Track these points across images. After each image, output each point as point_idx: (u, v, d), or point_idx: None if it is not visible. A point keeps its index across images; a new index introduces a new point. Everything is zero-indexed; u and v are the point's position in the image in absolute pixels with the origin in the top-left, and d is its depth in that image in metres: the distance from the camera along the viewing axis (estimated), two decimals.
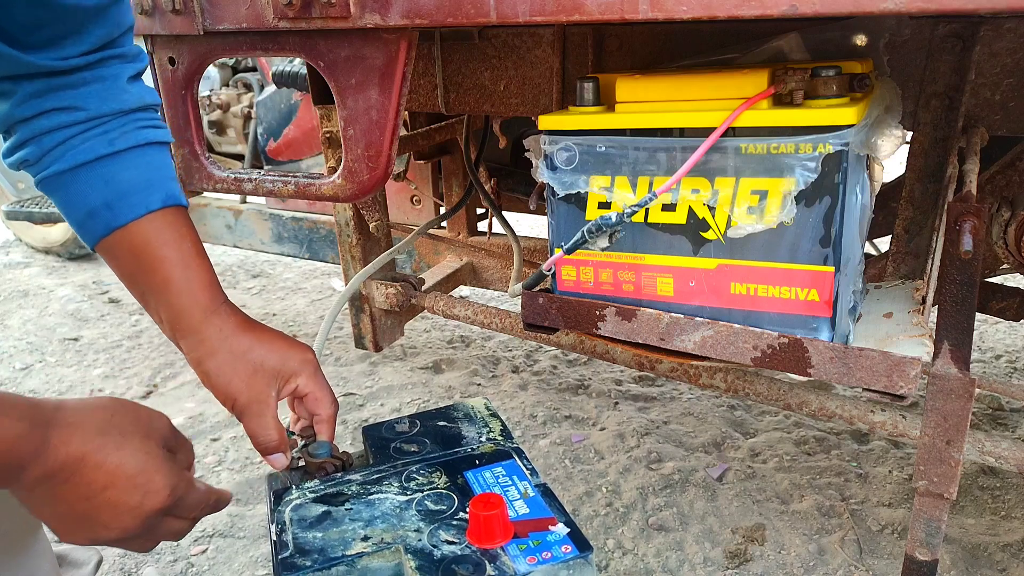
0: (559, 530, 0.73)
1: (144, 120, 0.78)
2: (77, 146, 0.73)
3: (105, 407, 0.62)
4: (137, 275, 0.77)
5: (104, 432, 0.60)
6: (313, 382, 0.82)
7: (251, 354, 0.78)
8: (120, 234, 0.75)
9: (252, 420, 0.78)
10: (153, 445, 0.63)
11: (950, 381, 0.75)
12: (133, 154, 0.76)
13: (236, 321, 0.80)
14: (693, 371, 1.09)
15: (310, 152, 2.38)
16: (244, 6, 0.95)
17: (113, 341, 2.62)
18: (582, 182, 0.83)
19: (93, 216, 0.75)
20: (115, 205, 0.74)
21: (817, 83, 0.73)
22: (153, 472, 0.61)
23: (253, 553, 1.51)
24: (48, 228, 3.43)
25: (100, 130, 0.74)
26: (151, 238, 0.76)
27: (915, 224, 1.01)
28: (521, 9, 0.79)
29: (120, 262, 0.78)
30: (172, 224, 0.77)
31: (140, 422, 0.63)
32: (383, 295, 1.46)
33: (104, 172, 0.74)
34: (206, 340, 0.77)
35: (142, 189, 0.75)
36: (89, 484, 0.59)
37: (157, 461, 0.62)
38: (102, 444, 0.59)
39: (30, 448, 0.55)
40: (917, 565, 0.82)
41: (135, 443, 0.61)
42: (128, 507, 0.61)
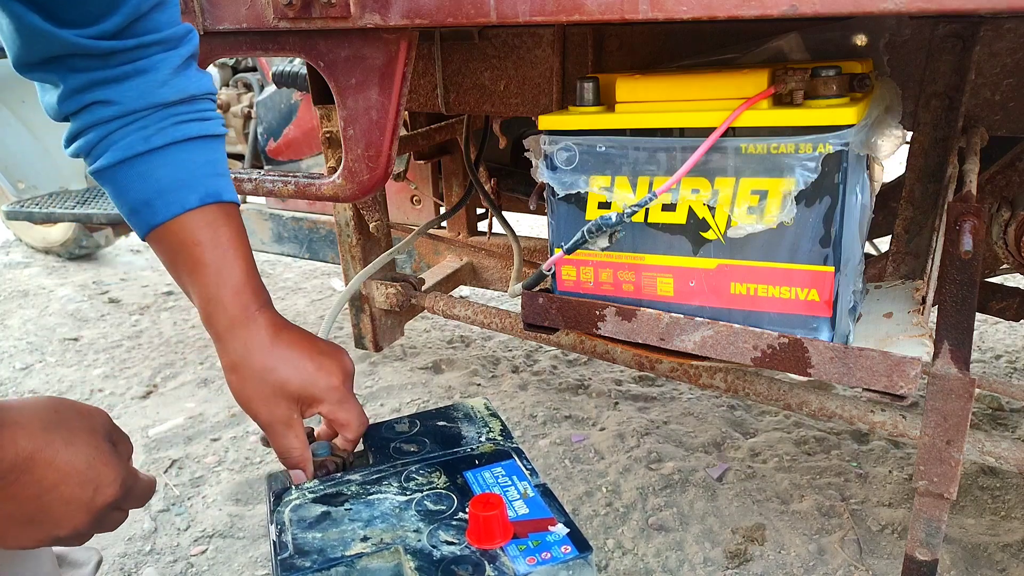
0: (559, 530, 0.73)
1: (186, 114, 0.76)
2: (117, 142, 0.73)
3: (47, 405, 0.61)
4: (177, 272, 0.77)
5: (50, 428, 0.59)
6: (339, 408, 0.80)
7: (274, 375, 0.77)
8: (160, 231, 0.75)
9: (275, 439, 0.78)
10: (100, 439, 0.62)
11: (950, 381, 0.75)
12: (171, 151, 0.74)
13: (265, 335, 0.78)
14: (693, 371, 1.09)
15: (310, 152, 2.38)
16: (244, 6, 0.95)
17: (113, 341, 2.62)
18: (582, 182, 0.83)
19: (135, 213, 0.75)
20: (153, 203, 0.74)
21: (817, 83, 0.73)
22: (102, 466, 0.61)
23: (253, 553, 1.51)
24: (48, 228, 3.43)
25: (138, 126, 0.73)
26: (186, 238, 0.75)
27: (915, 224, 1.01)
28: (521, 9, 0.79)
29: (163, 257, 0.78)
30: (211, 224, 0.76)
31: (83, 417, 0.62)
32: (383, 295, 1.46)
33: (142, 170, 0.74)
34: (229, 352, 0.77)
35: (179, 187, 0.74)
36: (39, 482, 0.58)
37: (105, 455, 0.62)
38: (50, 440, 0.58)
39: None
40: (917, 565, 0.82)
41: (83, 438, 0.60)
42: (81, 502, 0.60)
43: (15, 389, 2.28)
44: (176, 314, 2.87)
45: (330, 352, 0.81)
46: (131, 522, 1.62)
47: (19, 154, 3.13)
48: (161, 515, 1.64)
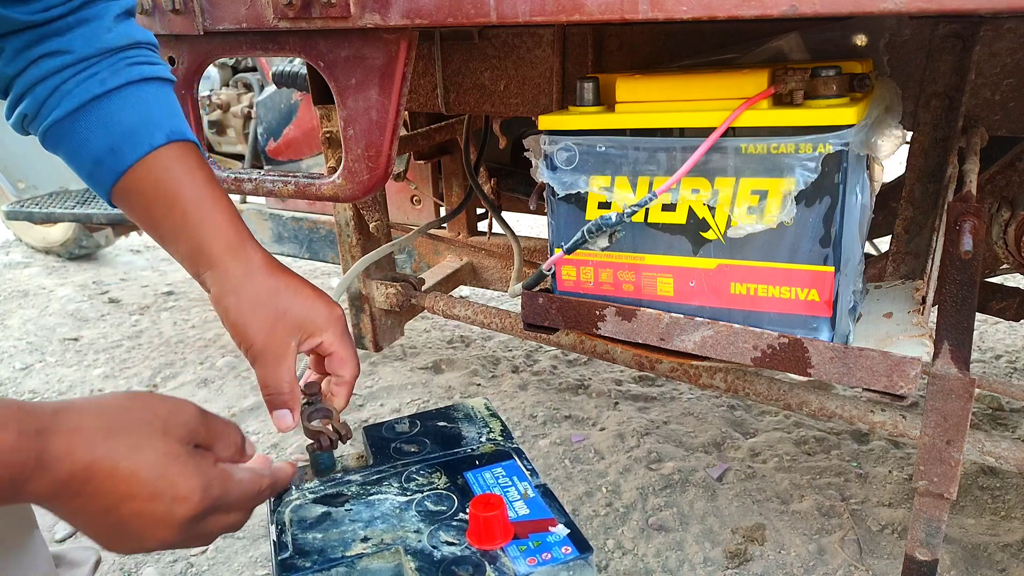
0: (559, 531, 0.73)
1: (135, 57, 0.74)
2: (70, 91, 0.70)
3: (113, 406, 0.54)
4: (153, 217, 0.73)
5: (113, 434, 0.52)
6: (339, 341, 0.76)
7: (276, 299, 0.73)
8: (128, 177, 0.71)
9: (265, 369, 0.72)
10: (174, 443, 0.55)
11: (950, 381, 0.75)
12: (128, 91, 0.72)
13: (262, 260, 0.74)
14: (693, 371, 1.09)
15: (310, 152, 2.38)
16: (244, 6, 0.95)
17: (113, 341, 2.62)
18: (582, 182, 0.83)
19: (99, 164, 0.72)
20: (118, 148, 0.71)
21: (817, 83, 0.73)
22: (176, 476, 0.54)
23: (253, 553, 1.51)
24: (48, 228, 3.43)
25: (90, 71, 0.71)
26: (160, 176, 0.71)
27: (915, 224, 1.01)
28: (521, 9, 0.79)
29: (135, 207, 0.73)
30: (181, 159, 0.73)
31: (156, 419, 0.55)
32: (383, 295, 1.46)
33: (101, 114, 0.71)
34: (229, 276, 0.72)
35: (142, 127, 0.71)
36: (105, 496, 0.51)
37: (179, 463, 0.54)
38: (111, 449, 0.51)
39: (23, 460, 0.47)
40: (917, 565, 0.82)
41: (152, 444, 0.53)
42: (156, 517, 0.53)
43: (15, 389, 2.28)
44: (176, 314, 2.87)
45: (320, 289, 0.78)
46: None
47: (19, 154, 3.13)
48: None
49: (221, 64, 2.62)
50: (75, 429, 0.50)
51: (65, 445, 0.49)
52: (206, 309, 2.90)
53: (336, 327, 0.76)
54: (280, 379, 0.73)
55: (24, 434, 0.47)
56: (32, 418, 0.49)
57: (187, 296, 3.07)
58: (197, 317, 2.82)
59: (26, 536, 0.84)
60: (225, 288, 0.73)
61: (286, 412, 0.74)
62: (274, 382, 0.73)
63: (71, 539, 1.58)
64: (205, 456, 0.58)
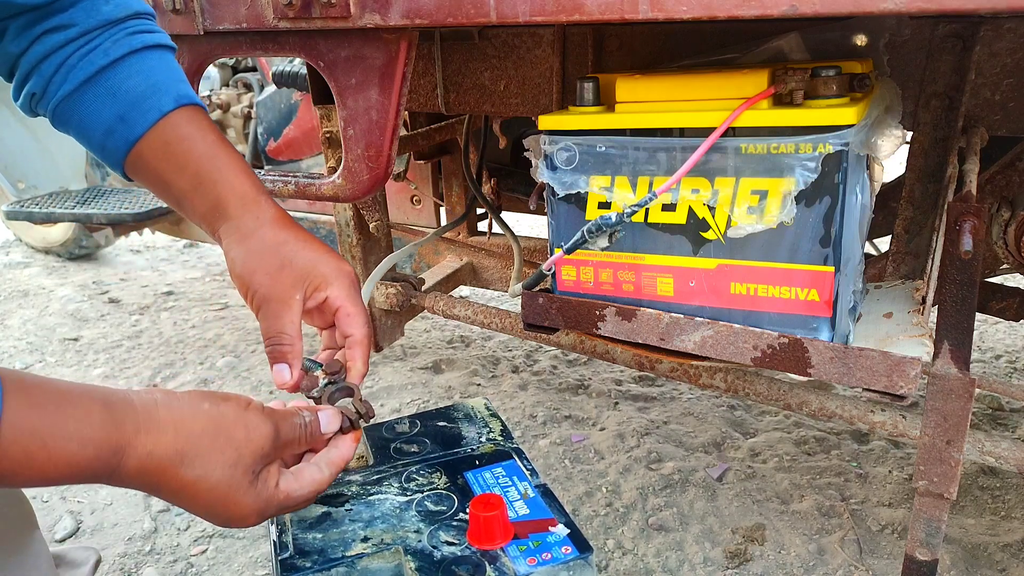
0: (559, 531, 0.73)
1: (136, 26, 0.74)
2: (75, 64, 0.71)
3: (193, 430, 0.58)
4: (167, 180, 0.73)
5: (182, 463, 0.57)
6: (347, 295, 0.74)
7: (283, 248, 0.72)
8: (141, 145, 0.72)
9: (268, 319, 0.71)
10: (239, 474, 0.60)
11: (950, 381, 0.75)
12: (132, 60, 0.73)
13: (274, 213, 0.75)
14: (693, 371, 1.09)
15: (310, 152, 2.38)
16: (244, 6, 0.95)
17: (113, 341, 2.62)
18: (582, 182, 0.83)
19: (111, 134, 0.72)
20: (128, 116, 0.71)
21: (817, 83, 0.73)
22: (232, 504, 0.60)
23: (253, 553, 1.51)
24: (48, 228, 3.43)
25: (93, 44, 0.71)
26: (171, 139, 0.72)
27: (915, 224, 1.01)
28: (521, 9, 0.79)
29: (149, 175, 0.74)
30: (191, 120, 0.74)
31: (229, 447, 0.59)
32: (383, 295, 1.46)
33: (109, 84, 0.71)
34: (241, 226, 0.73)
35: (151, 94, 0.72)
36: (173, 498, 0.59)
37: (238, 493, 0.60)
38: (177, 475, 0.57)
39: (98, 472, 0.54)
40: (917, 565, 0.82)
41: (218, 474, 0.59)
42: (219, 521, 0.61)
43: None
44: (176, 314, 2.87)
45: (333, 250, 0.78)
46: (131, 522, 1.62)
47: (19, 154, 3.13)
48: (161, 515, 1.64)
49: (221, 64, 2.62)
50: (150, 453, 0.56)
51: (137, 466, 0.56)
52: (206, 309, 2.90)
53: (343, 281, 0.75)
54: (282, 328, 0.71)
55: (101, 455, 0.54)
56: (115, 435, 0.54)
57: (187, 296, 3.07)
58: (197, 317, 2.82)
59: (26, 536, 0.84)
60: (234, 239, 0.73)
61: (285, 367, 0.71)
62: (275, 331, 0.71)
63: (71, 539, 1.58)
64: (268, 480, 0.63)
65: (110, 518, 1.64)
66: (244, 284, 0.72)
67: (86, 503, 1.69)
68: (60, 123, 0.74)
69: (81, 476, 0.54)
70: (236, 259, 0.72)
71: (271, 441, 0.63)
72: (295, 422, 0.67)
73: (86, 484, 0.55)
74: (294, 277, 0.72)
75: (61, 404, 0.53)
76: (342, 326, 0.75)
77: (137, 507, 1.67)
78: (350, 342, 0.75)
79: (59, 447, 0.51)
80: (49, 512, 1.66)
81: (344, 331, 0.75)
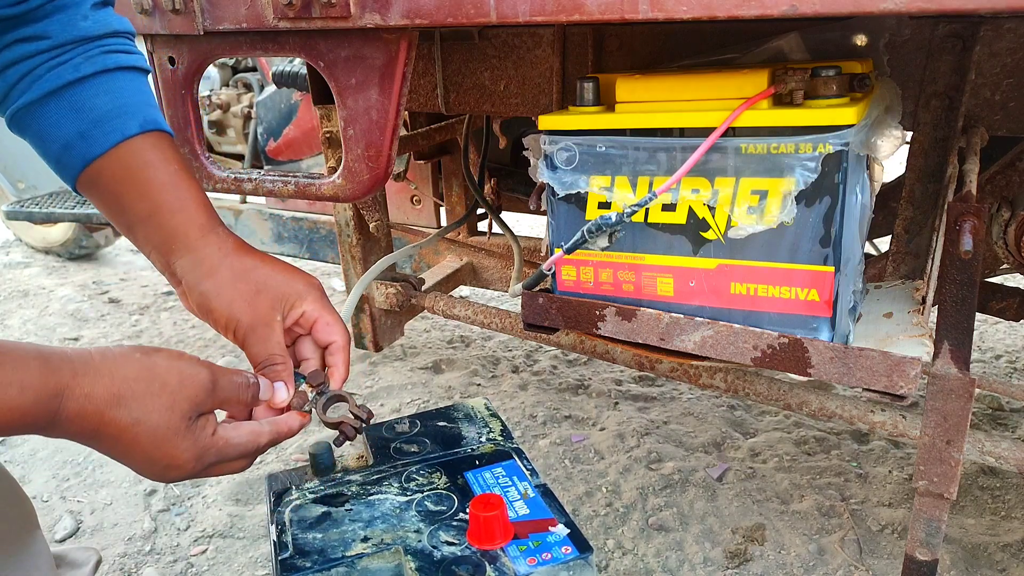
0: (559, 531, 0.73)
1: (112, 45, 0.73)
2: (42, 76, 0.69)
3: (127, 374, 0.59)
4: (123, 205, 0.72)
5: (122, 404, 0.58)
6: (321, 306, 0.76)
7: (254, 274, 0.73)
8: (99, 165, 0.71)
9: (256, 344, 0.72)
10: (175, 418, 0.60)
11: (950, 381, 0.75)
12: (103, 79, 0.71)
13: (235, 242, 0.75)
14: (693, 371, 1.09)
15: (310, 152, 2.38)
16: (244, 6, 0.95)
17: (113, 341, 2.62)
18: (582, 182, 0.83)
19: (68, 149, 0.71)
20: (89, 134, 0.70)
21: (817, 83, 0.73)
22: (171, 448, 0.60)
23: (253, 553, 1.51)
24: (48, 228, 3.43)
25: (65, 58, 0.70)
26: (132, 163, 0.71)
27: (915, 224, 1.01)
28: (521, 9, 0.79)
29: (103, 195, 0.72)
30: (155, 147, 0.72)
31: (165, 391, 0.60)
32: (383, 295, 1.46)
33: (74, 100, 0.70)
34: (205, 259, 0.72)
35: (116, 115, 0.71)
36: (114, 448, 0.59)
37: (178, 436, 0.60)
38: (117, 417, 0.57)
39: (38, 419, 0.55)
40: (917, 565, 0.82)
41: (155, 418, 0.59)
42: (154, 473, 0.61)
43: None
44: (176, 314, 2.87)
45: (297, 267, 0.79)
46: (131, 522, 1.62)
47: (19, 154, 3.13)
48: (161, 515, 1.64)
49: (221, 64, 2.62)
50: (88, 395, 0.56)
51: (76, 409, 0.56)
52: None
53: (315, 293, 0.76)
54: (272, 350, 0.72)
55: (40, 400, 0.54)
56: (52, 379, 0.55)
57: None
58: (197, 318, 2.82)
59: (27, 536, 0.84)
60: (201, 273, 0.72)
61: (282, 385, 0.72)
62: (267, 353, 0.72)
63: (71, 539, 1.58)
64: (205, 426, 0.63)
65: (110, 518, 1.64)
66: (223, 316, 0.72)
67: (86, 503, 1.69)
68: (16, 128, 0.73)
69: (23, 424, 0.54)
70: (209, 293, 0.72)
71: (205, 390, 0.63)
72: (235, 380, 0.67)
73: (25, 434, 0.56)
74: (271, 300, 0.73)
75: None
76: (322, 335, 0.77)
77: (137, 507, 1.67)
78: (332, 348, 0.77)
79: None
80: (49, 512, 1.66)
81: (324, 339, 0.77)
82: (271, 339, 0.72)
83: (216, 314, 0.73)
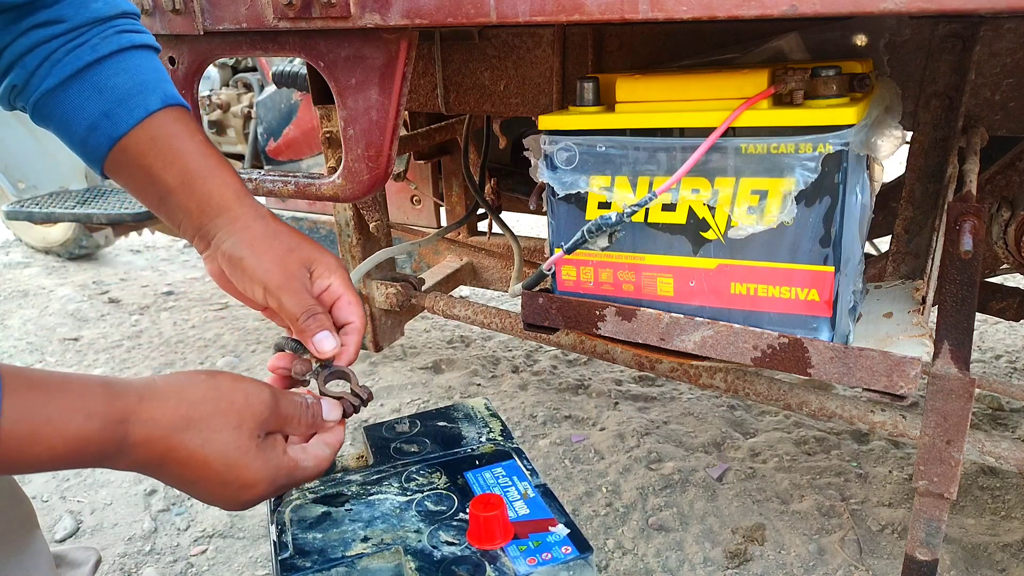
0: (559, 531, 0.73)
1: (123, 25, 0.74)
2: (61, 59, 0.70)
3: (193, 397, 0.58)
4: (153, 176, 0.72)
5: (189, 427, 0.57)
6: (347, 285, 0.75)
7: (285, 236, 0.74)
8: (125, 142, 0.72)
9: (293, 294, 0.71)
10: (245, 438, 0.59)
11: (950, 381, 0.75)
12: (120, 58, 0.72)
13: (266, 209, 0.76)
14: (693, 371, 1.09)
15: (310, 152, 2.39)
16: (244, 6, 0.95)
17: (113, 341, 2.62)
18: (582, 182, 0.83)
19: (94, 130, 0.71)
20: (113, 113, 0.71)
21: (817, 83, 0.73)
22: (242, 469, 0.59)
23: (253, 553, 1.51)
24: (48, 228, 3.43)
25: (82, 39, 0.71)
26: (159, 136, 0.72)
27: (915, 224, 1.01)
28: (521, 9, 0.79)
29: (131, 172, 0.73)
30: (179, 120, 0.73)
31: (232, 411, 0.59)
32: (383, 295, 1.46)
33: (95, 81, 0.71)
34: (240, 217, 0.73)
35: (138, 92, 0.71)
36: (180, 477, 0.58)
37: (248, 456, 0.59)
38: (185, 440, 0.56)
39: (105, 447, 0.53)
40: (917, 565, 0.82)
41: (224, 438, 0.58)
42: (226, 498, 0.60)
43: None
44: (176, 314, 2.87)
45: None
46: (131, 522, 1.62)
47: (19, 154, 3.13)
48: (161, 515, 1.64)
49: (221, 64, 2.62)
50: (153, 419, 0.56)
51: (143, 434, 0.55)
52: (206, 309, 2.90)
53: (342, 272, 0.76)
54: (309, 300, 0.71)
55: (106, 426, 0.53)
56: (118, 405, 0.54)
57: (187, 296, 3.07)
58: (197, 317, 2.82)
59: (27, 536, 0.84)
60: (234, 228, 0.72)
61: (327, 334, 0.71)
62: (307, 303, 0.71)
63: (71, 539, 1.58)
64: (275, 445, 0.63)
65: (110, 518, 1.64)
66: (254, 270, 0.71)
67: (86, 503, 1.69)
68: (40, 117, 0.74)
69: (89, 453, 0.53)
70: (241, 247, 0.71)
71: (270, 408, 0.62)
72: (296, 399, 0.67)
73: (93, 467, 0.55)
74: (301, 260, 0.73)
75: (61, 384, 0.53)
76: (342, 313, 0.76)
77: (137, 507, 1.67)
78: (348, 328, 0.76)
79: (64, 420, 0.51)
80: (49, 512, 1.66)
81: (343, 318, 0.76)
82: (305, 292, 0.72)
83: (247, 270, 0.72)
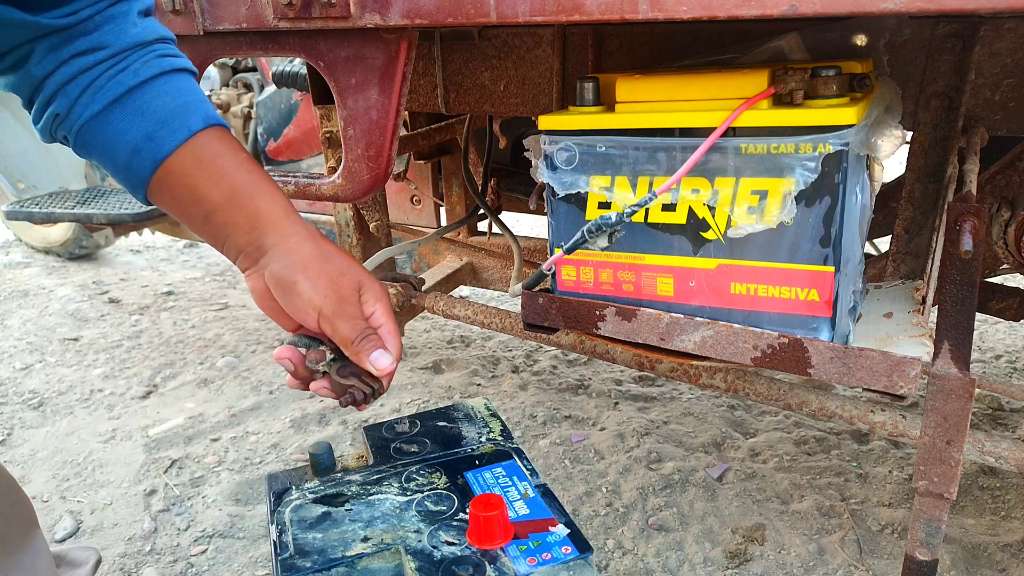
0: (559, 531, 0.73)
1: (162, 50, 0.75)
2: (104, 85, 0.71)
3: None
4: (198, 195, 0.74)
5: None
6: (389, 315, 0.77)
7: (336, 259, 0.75)
8: (168, 163, 0.72)
9: (349, 321, 0.73)
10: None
11: (950, 381, 0.75)
12: (161, 81, 0.74)
13: (314, 228, 0.77)
14: (693, 371, 1.09)
15: (310, 152, 2.39)
16: (244, 6, 0.95)
17: (113, 341, 2.62)
18: (582, 182, 0.83)
19: (137, 153, 0.72)
20: (156, 135, 0.72)
21: (817, 83, 0.73)
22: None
23: (253, 553, 1.51)
24: (48, 228, 3.43)
25: (123, 64, 0.72)
26: (203, 155, 0.73)
27: (915, 224, 1.01)
28: (521, 9, 0.79)
29: (176, 192, 0.74)
30: (222, 138, 0.75)
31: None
32: None
33: (137, 104, 0.72)
34: (291, 236, 0.74)
35: (180, 113, 0.73)
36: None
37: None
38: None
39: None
40: (917, 565, 0.82)
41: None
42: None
43: (15, 389, 2.28)
44: (176, 314, 2.87)
45: None
46: (131, 522, 1.62)
47: (19, 154, 3.13)
48: (161, 515, 1.64)
49: (221, 64, 2.62)
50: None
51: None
52: (206, 309, 2.90)
53: (387, 301, 0.78)
54: (363, 322, 0.74)
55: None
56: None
57: (187, 296, 3.07)
58: (197, 317, 2.82)
59: (27, 536, 0.84)
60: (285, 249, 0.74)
61: (383, 352, 0.73)
62: (359, 326, 0.73)
63: (71, 539, 1.58)
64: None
65: (110, 518, 1.64)
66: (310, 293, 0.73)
67: (86, 503, 1.69)
68: (82, 145, 0.74)
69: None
70: (294, 269, 0.73)
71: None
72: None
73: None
74: (352, 284, 0.75)
75: None
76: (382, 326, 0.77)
77: (137, 507, 1.67)
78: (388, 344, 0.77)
79: None
80: (49, 512, 1.66)
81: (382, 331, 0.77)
82: (359, 317, 0.74)
83: (302, 295, 0.73)
